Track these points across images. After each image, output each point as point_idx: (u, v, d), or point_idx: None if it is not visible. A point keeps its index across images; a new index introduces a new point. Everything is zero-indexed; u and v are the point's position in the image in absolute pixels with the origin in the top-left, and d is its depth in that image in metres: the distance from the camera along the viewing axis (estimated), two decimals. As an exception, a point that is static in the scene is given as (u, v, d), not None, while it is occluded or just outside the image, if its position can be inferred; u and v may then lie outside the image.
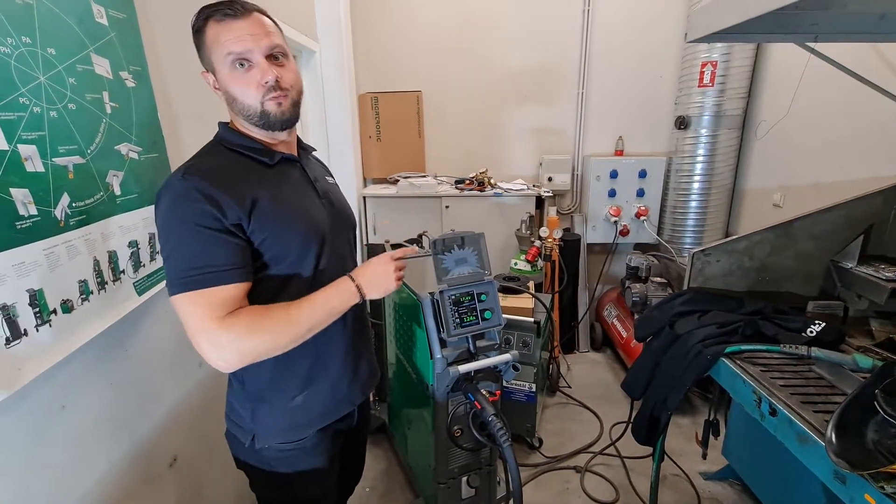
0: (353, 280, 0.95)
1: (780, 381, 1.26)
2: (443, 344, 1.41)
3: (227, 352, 0.82)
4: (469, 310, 1.42)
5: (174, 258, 0.82)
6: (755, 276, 1.75)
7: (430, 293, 1.41)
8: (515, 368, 1.42)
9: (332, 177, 1.17)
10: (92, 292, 0.96)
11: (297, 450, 1.01)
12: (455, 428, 1.47)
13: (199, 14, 0.88)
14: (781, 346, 1.40)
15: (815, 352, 1.30)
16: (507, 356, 1.41)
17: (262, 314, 0.84)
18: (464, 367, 1.35)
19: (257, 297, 0.88)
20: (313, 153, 1.14)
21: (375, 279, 0.97)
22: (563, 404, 2.62)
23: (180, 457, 1.32)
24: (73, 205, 0.92)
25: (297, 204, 0.95)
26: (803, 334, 1.43)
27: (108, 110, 1.03)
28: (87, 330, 0.95)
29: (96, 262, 0.98)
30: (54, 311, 0.86)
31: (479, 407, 1.29)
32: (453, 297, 1.39)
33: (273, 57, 0.89)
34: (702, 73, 2.70)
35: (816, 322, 1.45)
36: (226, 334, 0.81)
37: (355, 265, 1.12)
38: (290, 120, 0.93)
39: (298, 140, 1.07)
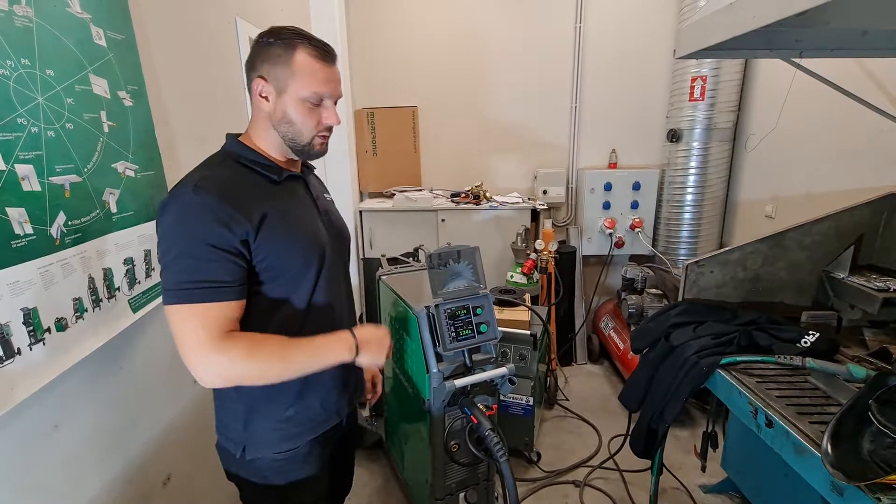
0: (353, 336, 0.96)
1: (775, 391, 1.26)
2: (439, 358, 1.41)
3: (214, 373, 0.83)
4: (465, 323, 1.42)
5: (174, 269, 0.81)
6: (749, 287, 1.76)
7: (425, 307, 1.41)
8: (512, 382, 1.42)
9: (329, 194, 1.19)
10: (86, 310, 0.96)
11: (288, 459, 1.01)
12: (452, 443, 1.46)
13: (293, 34, 0.91)
14: (776, 356, 1.40)
15: (810, 362, 1.30)
16: (503, 370, 1.41)
17: (258, 345, 0.86)
18: (460, 382, 1.35)
19: (251, 311, 0.89)
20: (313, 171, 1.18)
21: (372, 347, 0.98)
22: (561, 417, 2.61)
23: (174, 475, 1.31)
24: (70, 223, 0.92)
25: (301, 221, 0.97)
26: (798, 345, 1.44)
27: (106, 129, 1.05)
28: (81, 348, 0.95)
29: (91, 280, 0.98)
30: (48, 330, 0.86)
31: (476, 421, 1.29)
32: (449, 310, 1.39)
33: (334, 103, 0.97)
34: (692, 87, 2.75)
35: (810, 332, 1.45)
36: (218, 356, 0.82)
37: (348, 282, 1.13)
38: (323, 154, 1.01)
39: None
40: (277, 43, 0.90)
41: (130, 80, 1.14)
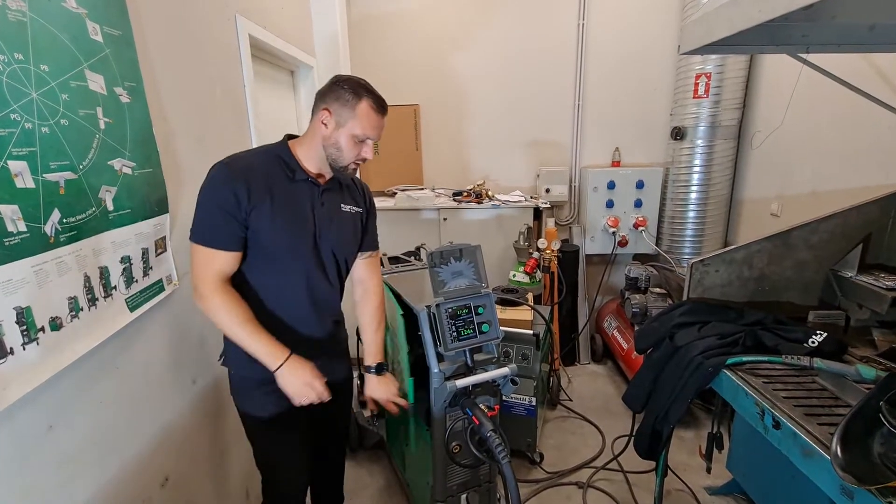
0: (285, 358, 1.17)
1: (782, 392, 1.24)
2: (440, 358, 1.39)
3: (200, 303, 1.14)
4: (466, 323, 1.40)
5: (201, 217, 1.11)
6: (754, 286, 1.74)
7: (426, 306, 1.40)
8: (514, 382, 1.40)
9: (358, 205, 1.39)
10: (82, 309, 0.95)
11: (252, 388, 1.25)
12: (453, 444, 1.44)
13: (362, 88, 1.18)
14: (783, 357, 1.38)
15: (818, 363, 1.28)
16: (505, 370, 1.39)
17: (236, 307, 1.14)
18: (461, 382, 1.33)
19: (241, 267, 1.18)
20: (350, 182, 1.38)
21: (294, 384, 1.18)
22: (563, 418, 2.59)
23: (172, 477, 1.30)
24: (64, 221, 0.91)
25: (293, 218, 1.20)
26: (804, 345, 1.41)
27: (102, 126, 1.03)
28: (76, 347, 0.94)
29: (87, 279, 0.97)
30: (42, 329, 0.85)
31: (477, 422, 1.27)
32: (450, 310, 1.38)
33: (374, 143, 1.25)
34: (696, 84, 2.72)
35: (818, 332, 1.43)
36: (210, 297, 1.12)
37: (324, 278, 1.30)
38: (352, 176, 1.31)
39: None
40: (349, 90, 1.16)
41: (127, 76, 1.13)
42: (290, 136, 1.27)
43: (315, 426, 1.43)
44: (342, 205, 1.31)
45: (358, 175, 1.45)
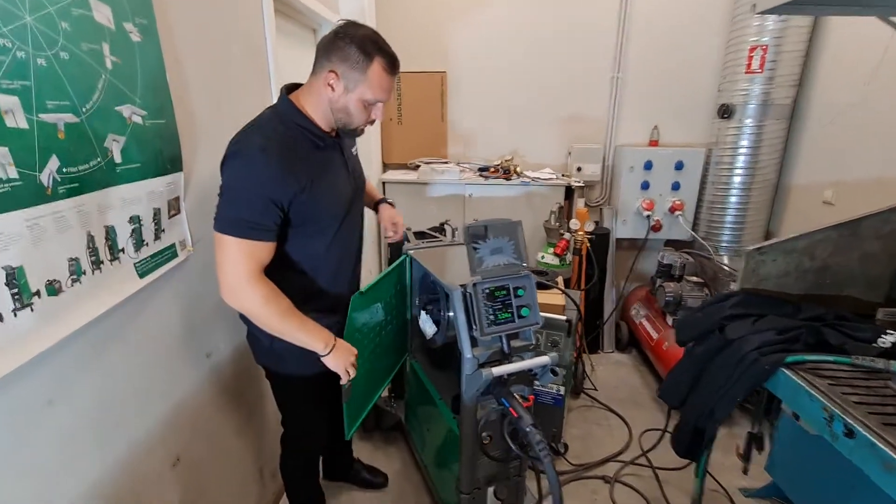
0: (334, 341, 1.17)
1: (853, 397, 1.11)
2: (474, 342, 1.27)
3: (232, 299, 1.06)
4: (504, 305, 1.27)
5: (230, 204, 1.02)
6: (813, 279, 1.60)
7: (461, 285, 1.27)
8: (554, 373, 1.28)
9: (355, 145, 1.39)
10: (84, 272, 0.84)
11: (297, 350, 1.17)
12: (484, 435, 1.33)
13: (371, 44, 1.07)
14: (852, 357, 1.25)
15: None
16: (545, 358, 1.27)
17: (274, 299, 1.08)
18: (498, 370, 1.21)
19: (282, 247, 1.13)
20: None
21: (340, 360, 1.19)
22: (587, 407, 2.48)
23: (184, 457, 1.21)
24: (64, 170, 0.79)
25: (335, 185, 1.20)
26: (873, 345, 1.28)
27: (109, 65, 0.90)
28: (78, 316, 0.83)
29: (91, 239, 0.86)
30: (37, 293, 0.74)
31: (516, 415, 1.15)
32: (487, 290, 1.25)
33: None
34: (750, 57, 2.50)
35: (889, 331, 1.29)
36: (247, 291, 1.04)
37: (361, 224, 1.39)
38: (361, 135, 1.27)
39: None
40: (357, 48, 1.06)
41: (139, 12, 0.99)
42: (289, 88, 1.18)
43: (333, 380, 1.38)
44: (353, 149, 1.34)
45: (379, 143, 1.49)
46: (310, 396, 1.36)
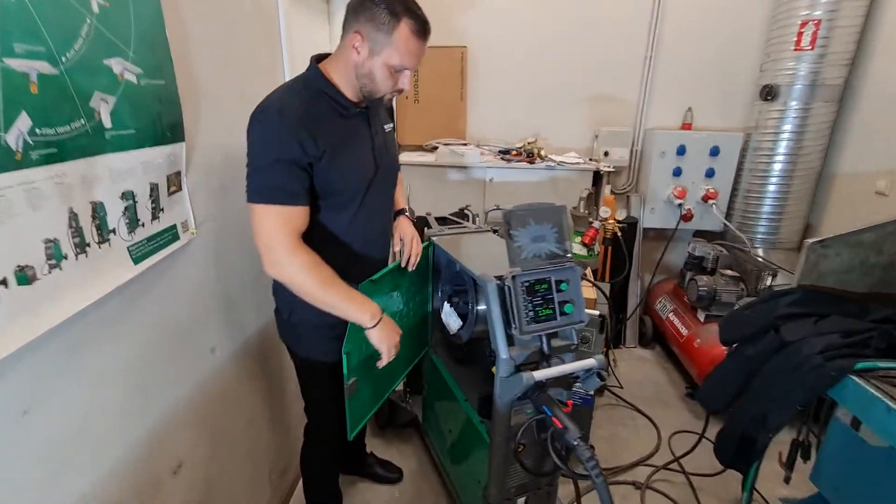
0: (381, 315, 1.12)
1: (938, 412, 0.97)
2: (510, 341, 1.13)
3: (276, 270, 1.03)
4: (545, 301, 1.13)
5: (256, 172, 1.00)
6: (880, 275, 1.45)
7: (496, 277, 1.12)
8: (601, 377, 1.14)
9: (390, 123, 1.31)
10: (65, 257, 0.70)
11: (326, 332, 1.18)
12: (518, 443, 1.20)
13: (402, 6, 0.99)
14: (934, 366, 1.10)
15: None
16: (591, 361, 1.13)
17: (317, 267, 1.04)
18: (539, 374, 1.07)
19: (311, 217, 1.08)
20: None
21: (384, 336, 1.14)
22: (612, 406, 2.35)
23: (186, 462, 1.08)
24: (38, 131, 0.65)
25: (357, 155, 1.14)
26: (955, 352, 1.13)
27: (95, 8, 0.75)
28: (58, 308, 0.69)
29: (73, 216, 0.71)
30: (3, 282, 0.60)
31: (560, 425, 1.02)
32: (527, 283, 1.11)
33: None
34: (800, 34, 2.30)
35: (970, 337, 1.14)
36: (286, 259, 1.01)
37: (390, 205, 1.35)
38: (388, 104, 1.20)
39: None
40: (385, 8, 0.98)
41: (132, -51, 0.84)
42: (319, 58, 1.12)
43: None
44: (384, 126, 1.27)
45: (392, 121, 1.36)
46: (326, 384, 1.29)
